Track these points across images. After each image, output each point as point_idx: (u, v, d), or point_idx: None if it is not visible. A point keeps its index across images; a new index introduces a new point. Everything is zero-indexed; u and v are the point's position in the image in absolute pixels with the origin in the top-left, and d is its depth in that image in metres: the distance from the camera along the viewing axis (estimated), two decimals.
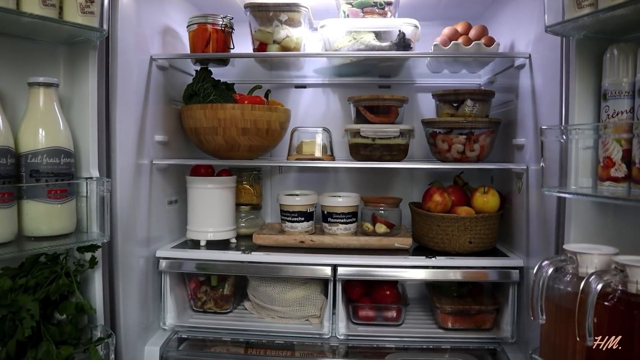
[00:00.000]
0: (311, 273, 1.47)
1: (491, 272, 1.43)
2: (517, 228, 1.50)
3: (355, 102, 1.60)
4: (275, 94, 1.91)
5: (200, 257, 1.51)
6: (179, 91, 1.65)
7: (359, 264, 1.45)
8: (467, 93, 1.54)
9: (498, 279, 1.43)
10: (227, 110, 1.50)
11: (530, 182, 1.38)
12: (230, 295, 1.64)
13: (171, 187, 1.66)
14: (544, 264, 0.97)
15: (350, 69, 1.69)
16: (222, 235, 1.61)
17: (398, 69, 1.76)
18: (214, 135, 1.53)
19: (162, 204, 1.60)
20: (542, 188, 1.02)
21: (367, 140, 1.54)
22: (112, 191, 1.30)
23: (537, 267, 0.97)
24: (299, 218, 1.62)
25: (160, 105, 1.57)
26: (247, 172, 1.81)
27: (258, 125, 1.52)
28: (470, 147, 1.51)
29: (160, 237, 1.59)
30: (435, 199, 1.52)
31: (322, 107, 1.93)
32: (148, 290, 1.49)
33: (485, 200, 1.51)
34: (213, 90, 1.56)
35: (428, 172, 1.92)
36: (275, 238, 1.60)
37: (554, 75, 1.20)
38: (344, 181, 1.95)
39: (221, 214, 1.62)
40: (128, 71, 1.36)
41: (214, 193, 1.60)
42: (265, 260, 1.48)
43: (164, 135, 1.58)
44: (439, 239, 1.51)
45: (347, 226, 1.61)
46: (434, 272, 1.43)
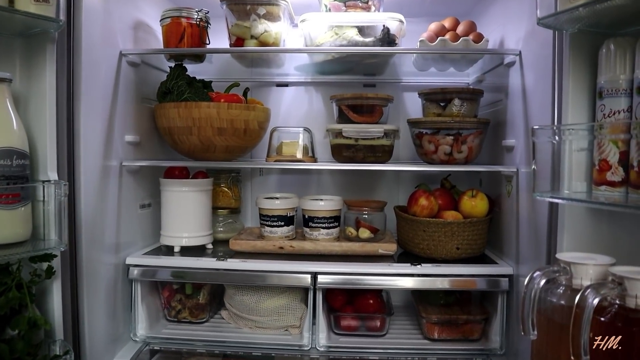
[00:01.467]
0: (289, 281, 1.39)
1: (479, 281, 1.36)
2: (507, 234, 1.43)
3: (338, 101, 1.53)
4: (256, 92, 1.84)
5: (171, 264, 1.42)
6: (152, 89, 1.56)
7: (340, 272, 1.38)
8: (455, 92, 1.47)
9: (487, 288, 1.36)
10: (202, 109, 1.41)
11: (521, 185, 1.32)
12: (206, 304, 1.55)
13: (144, 190, 1.57)
14: (535, 275, 0.90)
15: (333, 66, 1.61)
16: (197, 240, 1.53)
17: (383, 66, 1.69)
18: (188, 136, 1.44)
19: (134, 208, 1.51)
20: (534, 192, 0.95)
21: (349, 140, 1.46)
22: (76, 195, 1.22)
23: (529, 278, 0.90)
24: (278, 222, 1.54)
25: (132, 104, 1.49)
26: (226, 174, 1.72)
27: (235, 124, 1.44)
28: (457, 149, 1.44)
29: (132, 243, 1.50)
30: (421, 203, 1.44)
31: (305, 107, 1.85)
32: (117, 300, 1.40)
33: (474, 205, 1.44)
34: (187, 88, 1.47)
35: (414, 175, 1.85)
36: (253, 244, 1.51)
37: (545, 73, 1.13)
38: (326, 184, 1.87)
39: (196, 219, 1.53)
40: (94, 67, 1.27)
41: (188, 196, 1.52)
42: (241, 267, 1.40)
43: (136, 135, 1.50)
44: (425, 245, 1.43)
45: (329, 231, 1.53)
46: (420, 281, 1.36)
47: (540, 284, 0.88)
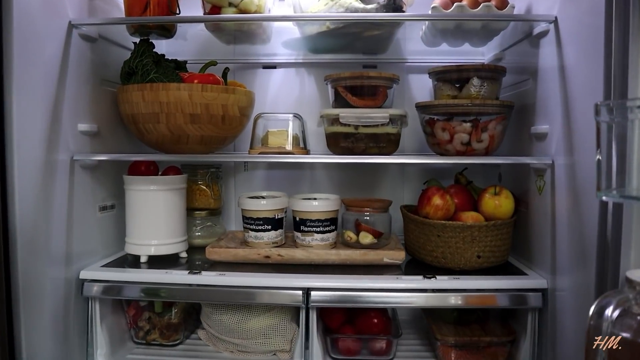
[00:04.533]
0: (277, 299, 1.15)
1: (505, 296, 1.12)
2: (537, 238, 1.19)
3: (334, 82, 1.29)
4: (240, 75, 1.60)
5: (132, 279, 1.18)
6: (115, 70, 1.31)
7: (338, 287, 1.14)
8: (473, 70, 1.23)
9: (515, 305, 1.13)
10: (171, 91, 1.17)
11: (558, 180, 1.08)
12: (180, 324, 1.31)
13: (105, 189, 1.33)
14: (604, 303, 0.66)
15: (328, 42, 1.37)
16: (168, 248, 1.29)
17: (386, 42, 1.44)
18: (155, 124, 1.20)
19: (91, 210, 1.27)
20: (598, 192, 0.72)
21: (348, 128, 1.22)
22: (9, 195, 0.98)
23: (595, 308, 0.66)
24: (265, 226, 1.30)
25: (87, 86, 1.24)
26: (203, 169, 1.48)
27: (211, 110, 1.20)
28: (477, 137, 1.20)
29: (89, 253, 1.26)
30: (434, 203, 1.20)
31: (295, 91, 1.61)
32: (70, 321, 1.16)
33: (497, 204, 1.20)
34: (154, 67, 1.23)
35: (422, 169, 1.61)
36: (234, 252, 1.27)
37: (594, 43, 0.90)
38: (320, 180, 1.62)
39: (167, 222, 1.29)
40: (33, 39, 1.03)
41: (157, 196, 1.28)
42: (218, 282, 1.16)
43: (92, 123, 1.25)
44: (439, 252, 1.20)
45: (325, 236, 1.29)
46: (435, 297, 1.12)
47: (614, 316, 0.64)
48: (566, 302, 1.04)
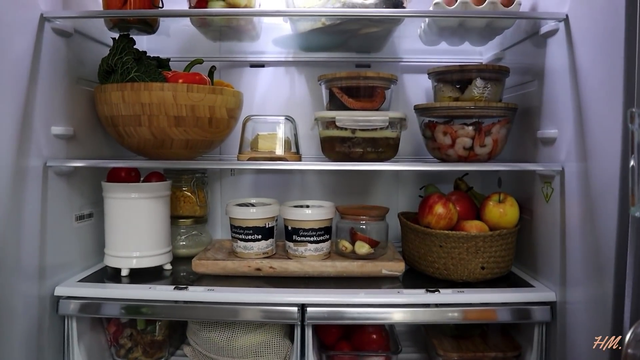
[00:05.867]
0: (271, 316, 1.07)
1: (513, 310, 1.06)
2: (544, 248, 1.13)
3: (329, 82, 1.21)
4: (226, 74, 1.51)
5: (113, 296, 1.08)
6: (92, 68, 1.22)
7: (335, 303, 1.06)
8: (477, 70, 1.16)
9: (523, 319, 1.07)
10: (154, 91, 1.08)
11: (569, 187, 1.02)
12: (164, 341, 1.23)
13: (82, 196, 1.23)
14: None
15: (321, 39, 1.29)
16: (151, 261, 1.20)
17: (382, 41, 1.37)
18: (136, 127, 1.11)
19: (67, 220, 1.17)
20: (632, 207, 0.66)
21: (345, 132, 1.15)
22: None
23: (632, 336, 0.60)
24: (254, 236, 1.22)
25: (62, 86, 1.14)
26: (188, 174, 1.39)
27: (197, 112, 1.11)
28: (480, 142, 1.14)
29: (66, 266, 1.16)
30: (437, 211, 1.14)
31: (286, 92, 1.52)
32: (44, 341, 1.06)
33: (502, 212, 1.14)
34: (135, 65, 1.13)
35: (417, 174, 1.54)
36: (222, 265, 1.19)
37: (611, 44, 0.84)
38: (312, 185, 1.54)
39: (150, 233, 1.20)
40: None
41: (139, 205, 1.19)
42: (206, 299, 1.07)
43: (68, 126, 1.15)
44: (442, 263, 1.13)
45: (319, 246, 1.22)
46: (439, 313, 1.05)
47: None
48: (578, 316, 0.98)
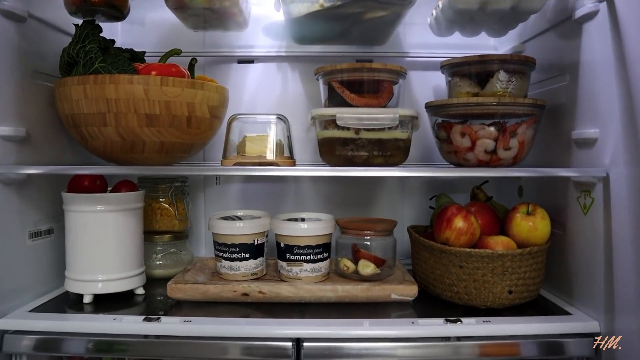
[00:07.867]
0: (260, 352, 0.89)
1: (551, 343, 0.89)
2: (582, 269, 0.97)
3: (328, 76, 1.04)
4: (211, 71, 1.34)
5: (70, 329, 0.90)
6: (52, 59, 1.04)
7: (337, 337, 0.88)
8: (499, 61, 1.00)
9: (561, 354, 0.89)
10: (121, 85, 0.91)
11: (615, 197, 0.86)
12: None
13: (38, 210, 1.05)
14: None
15: (318, 26, 1.12)
16: (119, 285, 1.02)
17: (388, 30, 1.20)
18: (101, 127, 0.94)
19: (18, 237, 0.99)
20: None
21: (347, 133, 0.98)
22: None
23: None
24: (241, 254, 1.05)
25: (12, 79, 0.97)
26: (166, 184, 1.21)
27: (173, 110, 0.94)
28: (505, 144, 0.98)
29: (16, 293, 0.97)
30: (456, 226, 0.96)
31: (277, 89, 1.35)
32: None
33: (532, 226, 0.97)
34: (100, 55, 0.96)
35: (425, 181, 1.38)
36: (203, 290, 1.01)
37: None
38: (307, 195, 1.37)
39: (119, 252, 1.03)
40: None
41: (106, 219, 1.01)
42: (182, 333, 0.89)
43: (19, 126, 0.98)
44: (462, 287, 0.96)
45: (316, 266, 1.04)
46: (462, 347, 0.88)
47: None
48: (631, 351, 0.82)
